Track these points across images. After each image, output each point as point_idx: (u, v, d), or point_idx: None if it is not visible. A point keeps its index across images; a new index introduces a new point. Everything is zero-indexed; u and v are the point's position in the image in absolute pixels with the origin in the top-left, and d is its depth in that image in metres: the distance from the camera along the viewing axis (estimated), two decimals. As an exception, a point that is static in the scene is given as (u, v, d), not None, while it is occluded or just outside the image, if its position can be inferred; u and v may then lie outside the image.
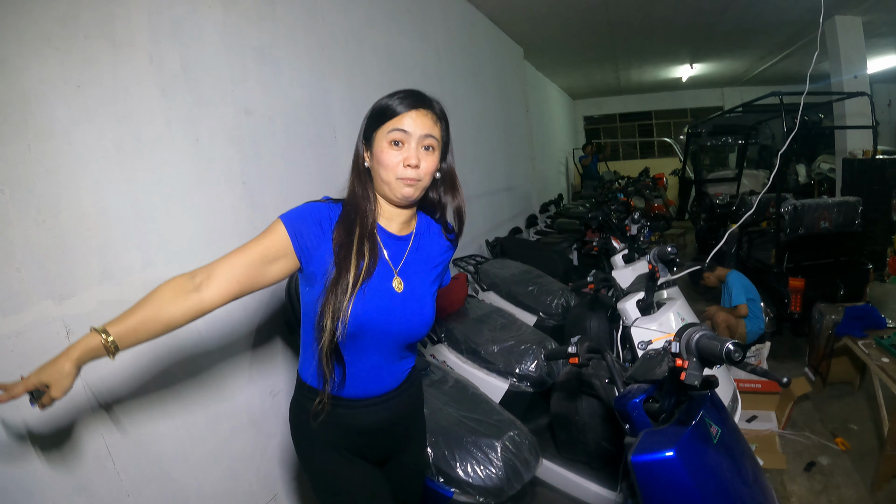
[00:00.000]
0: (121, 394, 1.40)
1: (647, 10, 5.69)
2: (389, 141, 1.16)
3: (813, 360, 3.46)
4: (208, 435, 1.64)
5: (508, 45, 6.20)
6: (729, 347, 1.07)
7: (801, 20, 6.15)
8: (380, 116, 1.18)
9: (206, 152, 1.67)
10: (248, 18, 1.88)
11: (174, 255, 1.56)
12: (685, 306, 2.19)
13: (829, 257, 4.03)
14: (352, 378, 1.23)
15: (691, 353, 1.13)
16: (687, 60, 9.30)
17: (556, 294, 3.22)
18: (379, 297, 1.19)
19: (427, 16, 3.65)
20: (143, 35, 1.50)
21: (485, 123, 4.93)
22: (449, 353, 2.54)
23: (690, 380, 1.10)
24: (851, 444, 2.75)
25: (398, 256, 1.26)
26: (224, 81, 1.75)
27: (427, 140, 1.18)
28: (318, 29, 2.29)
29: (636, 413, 1.24)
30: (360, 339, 1.20)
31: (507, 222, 5.40)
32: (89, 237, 1.34)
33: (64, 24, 1.32)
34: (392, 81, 2.98)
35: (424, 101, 1.19)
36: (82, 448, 1.30)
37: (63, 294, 1.28)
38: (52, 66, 1.29)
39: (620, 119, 14.55)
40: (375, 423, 1.29)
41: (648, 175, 10.49)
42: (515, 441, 1.75)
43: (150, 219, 1.49)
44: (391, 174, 1.16)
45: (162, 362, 1.51)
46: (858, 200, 3.91)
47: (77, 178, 1.33)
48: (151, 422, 1.47)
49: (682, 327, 1.18)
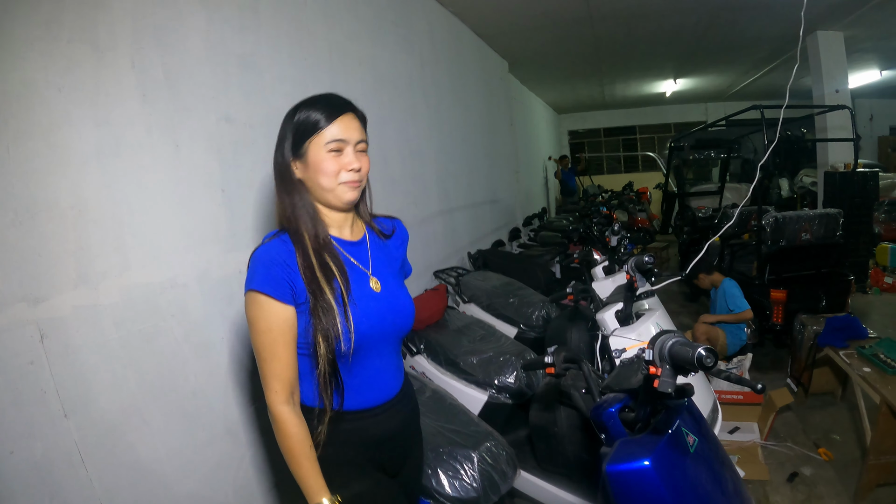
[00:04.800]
0: (95, 400, 1.38)
1: (631, 25, 5.77)
2: (328, 150, 1.16)
3: (795, 371, 3.47)
4: (184, 443, 1.62)
5: (493, 59, 6.26)
6: (700, 353, 1.05)
7: (784, 36, 6.26)
8: (311, 127, 1.16)
9: (185, 158, 1.66)
10: (232, 27, 1.89)
11: (152, 259, 1.55)
12: (664, 316, 2.20)
13: (811, 269, 4.07)
14: (362, 388, 1.23)
15: (664, 361, 1.12)
16: (671, 76, 9.43)
17: (537, 306, 3.22)
18: (367, 304, 1.20)
19: (412, 28, 3.68)
20: (126, 40, 1.50)
21: (469, 136, 4.97)
22: (428, 365, 2.53)
23: (663, 387, 1.09)
24: (834, 455, 2.76)
25: (364, 259, 1.27)
26: (205, 88, 1.76)
27: (361, 144, 1.20)
28: (302, 39, 2.30)
29: (611, 422, 1.23)
30: (364, 349, 1.20)
31: (489, 235, 5.43)
32: (66, 240, 1.33)
33: (48, 28, 1.32)
34: (376, 92, 3.01)
35: (348, 106, 1.21)
36: (53, 455, 1.28)
37: (38, 297, 1.27)
38: (35, 69, 1.29)
39: (605, 133, 14.71)
40: (391, 428, 1.29)
41: (632, 189, 10.58)
42: (492, 452, 1.73)
43: (129, 223, 1.49)
44: (333, 181, 1.17)
45: (137, 369, 1.49)
46: (839, 212, 3.96)
47: (55, 181, 1.32)
48: (126, 429, 1.45)
49: (657, 335, 1.17)
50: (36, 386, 1.26)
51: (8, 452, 1.20)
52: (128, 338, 1.46)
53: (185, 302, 1.65)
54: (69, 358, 1.32)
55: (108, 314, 1.42)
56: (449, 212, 4.26)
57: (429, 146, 3.75)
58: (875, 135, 10.90)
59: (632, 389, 1.23)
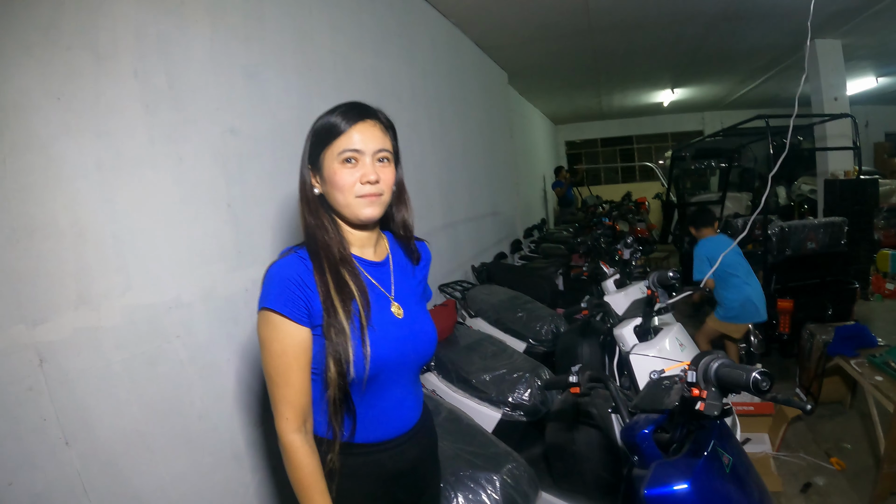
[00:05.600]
0: (97, 427, 1.30)
1: (630, 36, 5.78)
2: (341, 161, 1.08)
3: (804, 381, 3.44)
4: (189, 469, 1.54)
5: (493, 70, 6.26)
6: (756, 377, 1.02)
7: (781, 45, 6.29)
8: (325, 136, 1.10)
9: (189, 172, 1.60)
10: (236, 37, 1.84)
11: (155, 279, 1.48)
12: (682, 331, 2.13)
13: (816, 278, 4.05)
14: (378, 420, 1.15)
15: (709, 383, 1.10)
16: (669, 85, 9.47)
17: (546, 320, 3.16)
18: (387, 331, 1.12)
19: (414, 39, 3.66)
20: (129, 48, 1.45)
21: (470, 147, 4.94)
22: (439, 382, 2.45)
23: (710, 410, 1.07)
24: (846, 464, 2.74)
25: (386, 282, 1.20)
26: (210, 100, 1.70)
27: (381, 154, 1.11)
28: (306, 50, 2.26)
29: (646, 444, 1.18)
30: (381, 378, 1.12)
31: (492, 247, 5.38)
32: (65, 259, 1.27)
33: (46, 34, 1.27)
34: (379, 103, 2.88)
35: (370, 112, 1.13)
36: (55, 485, 1.21)
37: (36, 319, 1.20)
38: (32, 77, 1.23)
39: (602, 144, 14.76)
40: (406, 463, 1.20)
41: (631, 199, 10.57)
42: (514, 474, 1.67)
43: (130, 240, 1.42)
44: (349, 195, 1.09)
45: (140, 393, 1.41)
46: (844, 220, 3.95)
47: (54, 196, 1.26)
48: (130, 456, 1.37)
49: (698, 356, 1.15)
50: (35, 413, 1.19)
51: (7, 484, 1.13)
52: (131, 361, 1.39)
53: (190, 322, 1.58)
54: (70, 383, 1.25)
55: (109, 336, 1.35)
56: (452, 225, 4.22)
57: (432, 159, 3.71)
58: (871, 141, 11.00)
59: (665, 409, 1.19)
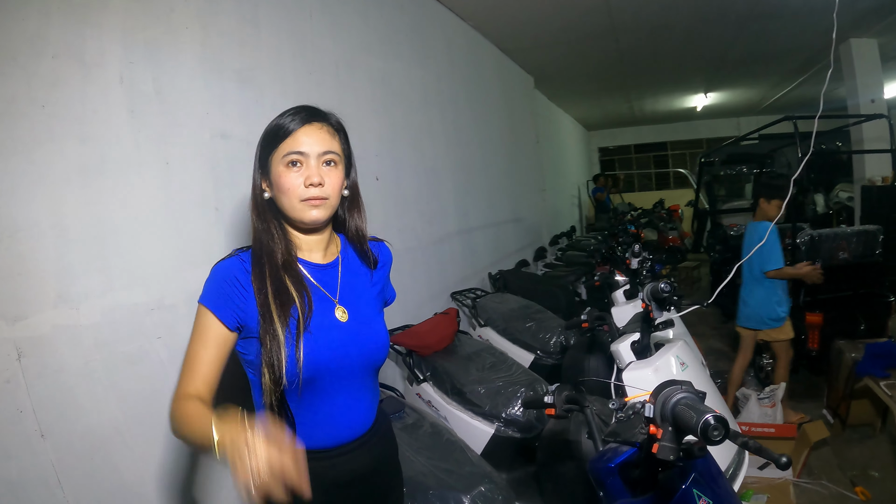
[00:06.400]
0: (74, 421, 1.33)
1: (656, 37, 5.66)
2: (286, 163, 1.08)
3: (831, 402, 3.26)
4: (170, 469, 1.55)
5: (517, 74, 6.20)
6: (708, 421, 0.83)
7: (814, 45, 6.05)
8: (272, 139, 1.10)
9: (176, 176, 1.63)
10: (229, 42, 1.86)
11: (138, 280, 1.50)
12: (688, 348, 1.98)
13: (848, 290, 3.81)
14: (321, 426, 1.12)
15: (666, 421, 0.90)
16: (701, 89, 9.26)
17: (556, 331, 3.08)
18: (326, 334, 1.10)
19: (427, 42, 3.64)
20: (115, 56, 1.48)
21: (489, 153, 4.89)
22: (434, 393, 2.40)
23: (663, 454, 0.88)
24: (872, 494, 2.55)
25: (332, 285, 1.18)
26: (200, 104, 1.72)
27: (327, 156, 1.10)
28: (306, 54, 2.27)
29: (610, 480, 1.08)
30: (320, 382, 1.10)
31: (513, 255, 5.30)
32: (46, 259, 1.30)
33: (32, 44, 1.30)
34: (387, 107, 2.95)
35: (318, 115, 1.12)
36: (29, 475, 1.23)
37: (16, 315, 1.23)
38: (18, 85, 1.27)
39: (635, 150, 14.51)
40: (356, 470, 1.17)
41: (663, 206, 10.33)
42: (486, 497, 1.58)
43: (113, 242, 1.44)
44: (293, 198, 1.09)
45: (120, 391, 1.43)
46: (879, 229, 3.74)
47: (37, 198, 1.29)
48: (107, 452, 1.39)
49: (661, 385, 0.96)
50: (12, 405, 1.22)
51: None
52: (110, 359, 1.41)
53: (173, 324, 1.59)
54: (48, 378, 1.28)
55: (89, 334, 1.37)
56: (468, 231, 4.17)
57: (445, 163, 3.69)
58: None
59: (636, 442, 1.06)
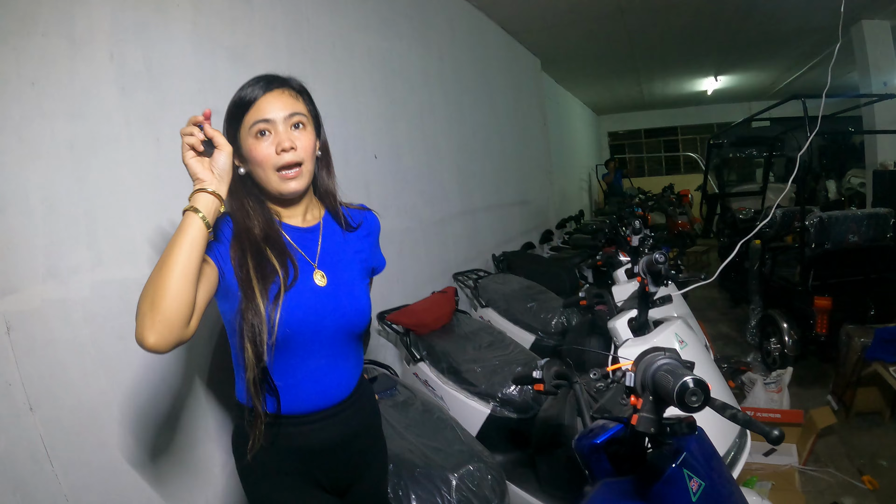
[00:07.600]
0: (63, 396, 1.34)
1: (665, 17, 5.56)
2: (255, 134, 1.06)
3: (837, 388, 3.20)
4: (162, 445, 1.57)
5: (524, 56, 6.13)
6: (686, 384, 0.75)
7: (825, 27, 5.91)
8: (236, 113, 1.09)
9: (168, 153, 1.62)
10: (221, 19, 1.84)
11: (128, 255, 1.51)
12: (686, 328, 1.90)
13: (859, 274, 3.72)
14: (294, 389, 1.11)
15: (647, 390, 0.85)
16: (711, 73, 9.13)
17: (557, 312, 3.06)
18: (301, 297, 1.09)
19: (428, 21, 3.60)
20: (105, 33, 1.48)
21: (494, 135, 4.85)
22: (430, 373, 2.39)
23: (643, 426, 0.83)
24: (880, 483, 2.49)
25: (312, 249, 1.17)
26: (191, 81, 1.71)
27: (294, 118, 1.09)
28: (300, 31, 2.25)
29: (595, 458, 1.03)
30: (293, 345, 1.09)
31: (519, 237, 5.28)
32: (35, 234, 1.31)
33: (22, 22, 1.31)
34: (385, 86, 2.93)
35: (277, 80, 1.11)
36: (17, 448, 1.25)
37: (5, 289, 1.25)
38: (7, 63, 1.28)
39: (645, 135, 14.35)
40: (328, 440, 1.16)
41: (673, 191, 10.21)
42: (475, 476, 1.54)
43: (103, 218, 1.45)
44: (268, 169, 1.08)
45: (109, 366, 1.44)
46: (890, 212, 3.64)
47: (26, 175, 1.30)
48: (97, 426, 1.41)
49: (643, 353, 0.90)
50: (1, 378, 1.23)
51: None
52: (100, 333, 1.42)
53: (165, 299, 1.60)
54: (36, 352, 1.29)
55: (78, 309, 1.38)
56: (472, 212, 4.15)
57: (447, 144, 3.65)
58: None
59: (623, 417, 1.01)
